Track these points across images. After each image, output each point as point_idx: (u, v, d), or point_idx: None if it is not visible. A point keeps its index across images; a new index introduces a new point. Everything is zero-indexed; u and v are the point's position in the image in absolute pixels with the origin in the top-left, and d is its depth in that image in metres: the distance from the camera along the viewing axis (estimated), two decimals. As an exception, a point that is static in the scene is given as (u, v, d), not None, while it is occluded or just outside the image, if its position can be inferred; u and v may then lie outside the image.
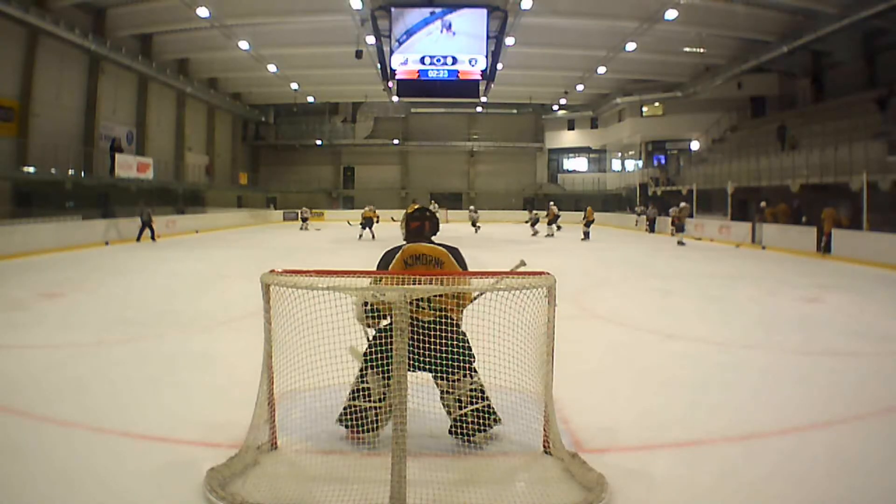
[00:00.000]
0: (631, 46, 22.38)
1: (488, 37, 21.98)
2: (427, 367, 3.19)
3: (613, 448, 3.42)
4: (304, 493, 2.82)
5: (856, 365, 5.30)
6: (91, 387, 4.46)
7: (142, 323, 6.71)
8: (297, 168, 39.01)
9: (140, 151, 24.34)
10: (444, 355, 3.14)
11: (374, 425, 3.31)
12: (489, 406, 3.33)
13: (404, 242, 3.57)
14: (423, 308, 3.25)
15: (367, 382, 3.30)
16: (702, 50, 22.79)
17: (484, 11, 21.50)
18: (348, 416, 3.33)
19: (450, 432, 3.35)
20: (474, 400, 3.29)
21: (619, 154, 37.59)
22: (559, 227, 23.98)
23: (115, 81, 22.80)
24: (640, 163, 34.19)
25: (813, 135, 19.62)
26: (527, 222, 25.06)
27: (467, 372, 3.31)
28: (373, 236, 19.96)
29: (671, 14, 19.11)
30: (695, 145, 31.06)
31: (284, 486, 2.87)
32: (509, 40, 22.68)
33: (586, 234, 20.70)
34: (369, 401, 3.28)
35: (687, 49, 23.09)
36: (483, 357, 3.19)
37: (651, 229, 25.26)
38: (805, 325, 6.92)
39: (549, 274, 3.06)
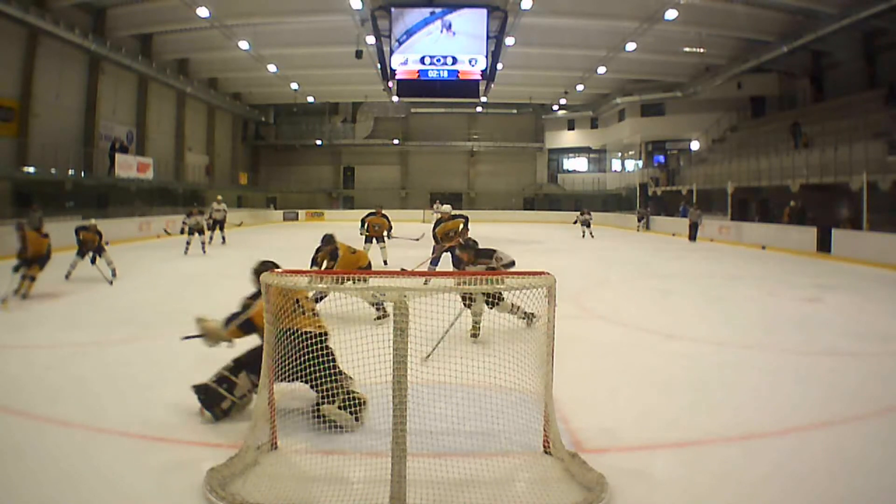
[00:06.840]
0: (631, 46, 22.34)
1: (488, 37, 21.94)
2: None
3: (613, 448, 3.42)
4: (304, 493, 2.83)
5: (856, 365, 5.30)
6: (92, 386, 4.47)
7: (142, 322, 6.71)
8: (297, 168, 38.94)
9: (140, 151, 24.29)
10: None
11: (225, 414, 3.78)
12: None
13: None
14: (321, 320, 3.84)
15: (239, 380, 3.82)
16: (702, 50, 22.75)
17: (484, 11, 21.47)
18: (208, 395, 3.78)
19: None
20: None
21: (619, 154, 37.55)
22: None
23: (115, 81, 22.75)
24: (640, 163, 34.15)
25: (813, 135, 19.60)
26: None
27: None
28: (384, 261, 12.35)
29: (671, 14, 19.08)
30: (695, 145, 31.01)
31: (284, 486, 2.88)
32: (509, 40, 22.64)
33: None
34: (232, 395, 3.79)
35: (687, 49, 23.05)
36: (483, 357, 3.19)
37: (693, 237, 20.39)
38: (805, 325, 6.92)
39: (549, 274, 3.07)
